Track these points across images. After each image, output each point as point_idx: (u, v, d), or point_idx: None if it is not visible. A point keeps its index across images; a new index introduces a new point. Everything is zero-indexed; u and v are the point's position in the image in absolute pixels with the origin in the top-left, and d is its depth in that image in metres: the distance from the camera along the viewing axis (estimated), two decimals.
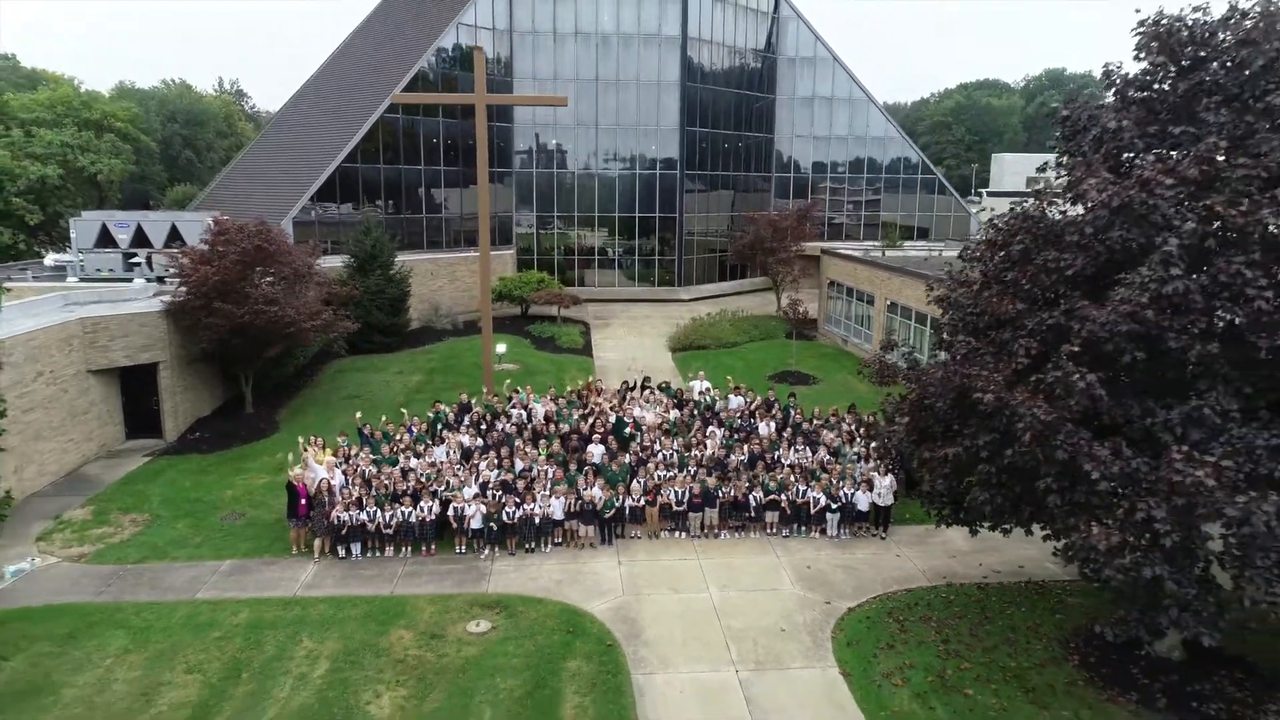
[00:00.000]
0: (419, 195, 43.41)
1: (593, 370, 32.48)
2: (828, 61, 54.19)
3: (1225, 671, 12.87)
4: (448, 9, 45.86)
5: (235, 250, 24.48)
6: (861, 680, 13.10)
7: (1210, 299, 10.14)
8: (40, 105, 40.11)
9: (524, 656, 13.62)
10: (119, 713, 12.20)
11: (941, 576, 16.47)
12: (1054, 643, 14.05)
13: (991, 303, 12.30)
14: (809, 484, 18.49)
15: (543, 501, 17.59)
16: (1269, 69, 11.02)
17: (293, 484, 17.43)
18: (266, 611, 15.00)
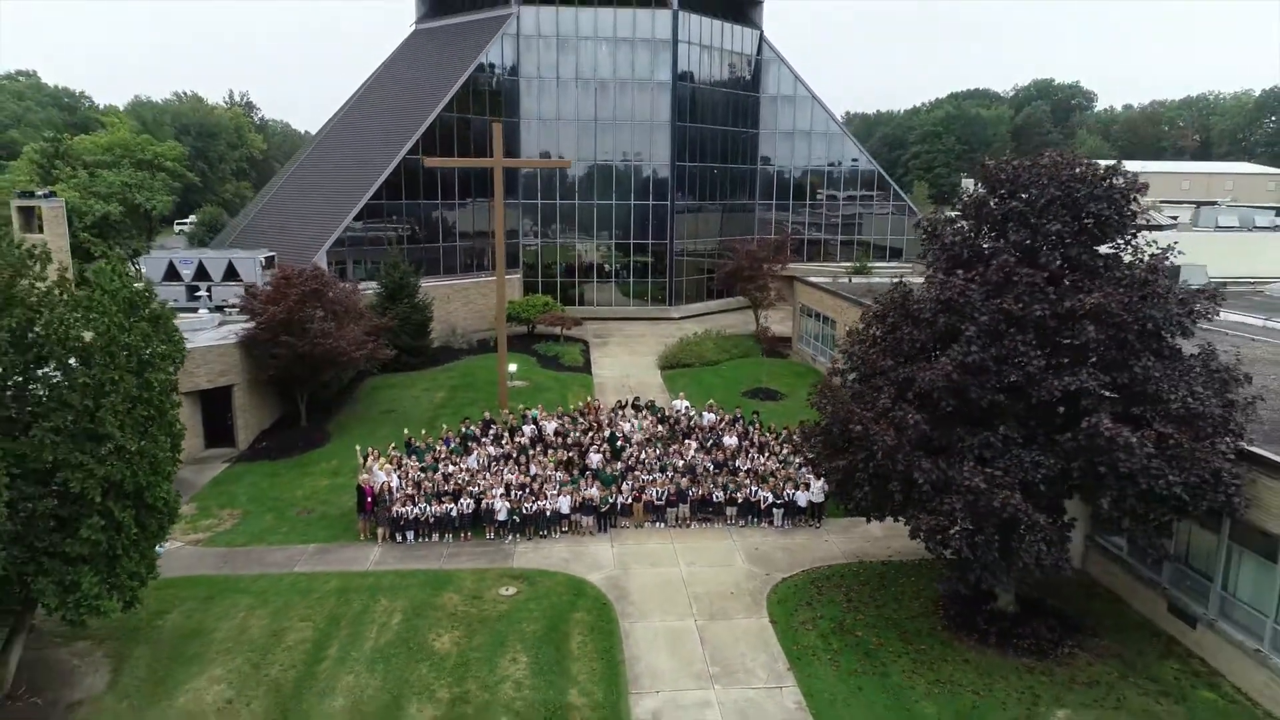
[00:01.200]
0: (435, 225, 48.59)
1: (592, 387, 37.64)
2: (806, 99, 59.39)
3: (1043, 619, 18.06)
4: (464, 53, 50.98)
5: (296, 292, 29.68)
6: (784, 626, 18.30)
7: (1000, 364, 15.30)
8: (100, 148, 45.21)
9: (542, 610, 18.82)
10: (260, 646, 17.39)
11: (856, 556, 21.66)
12: (928, 602, 19.23)
13: (871, 358, 17.49)
14: (760, 485, 23.69)
15: (552, 499, 22.78)
16: (1050, 205, 16.18)
17: (361, 486, 22.62)
18: (349, 580, 20.19)
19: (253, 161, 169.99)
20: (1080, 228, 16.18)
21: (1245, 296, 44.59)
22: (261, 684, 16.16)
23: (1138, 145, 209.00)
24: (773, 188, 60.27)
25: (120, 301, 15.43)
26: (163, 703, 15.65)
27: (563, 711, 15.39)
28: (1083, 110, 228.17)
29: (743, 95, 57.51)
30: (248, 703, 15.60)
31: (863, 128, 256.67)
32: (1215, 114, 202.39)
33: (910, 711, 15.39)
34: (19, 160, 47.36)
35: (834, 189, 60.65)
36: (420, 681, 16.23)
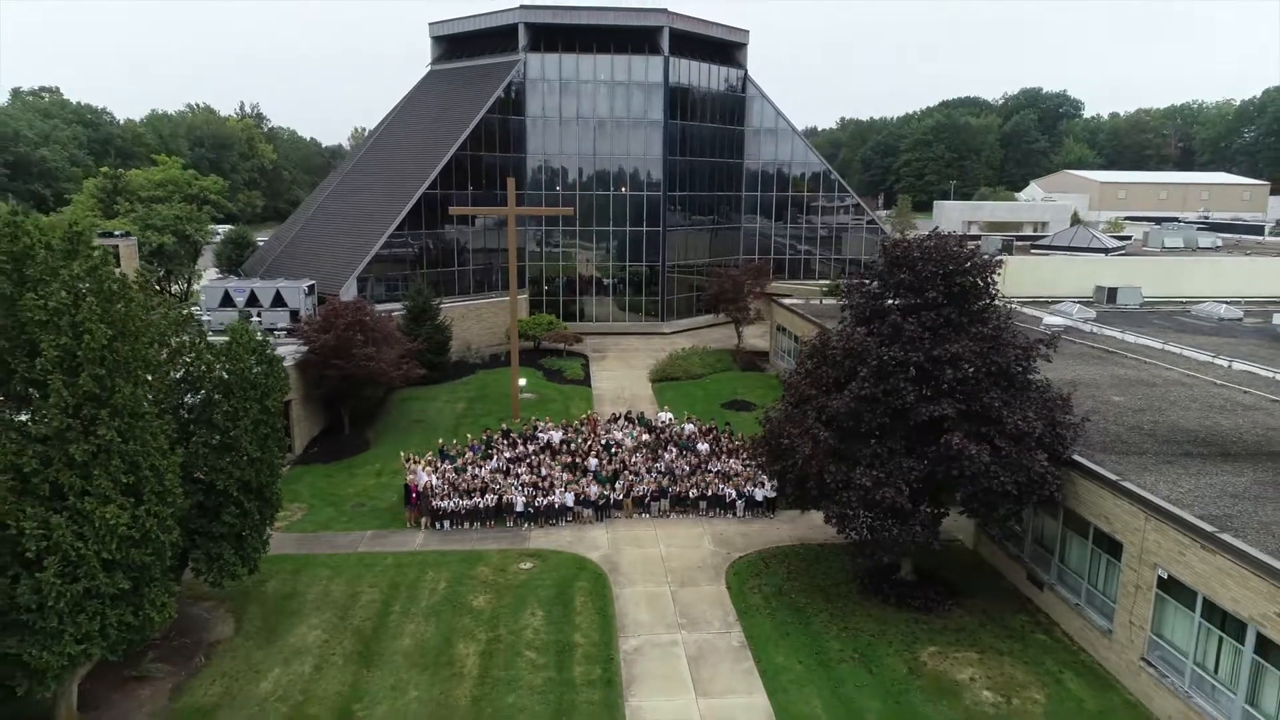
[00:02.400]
0: (451, 251, 54.28)
1: (591, 399, 43.40)
2: (787, 132, 65.18)
3: (933, 585, 23.82)
4: (477, 95, 56.68)
5: (343, 322, 35.44)
6: (736, 591, 24.05)
7: (886, 396, 21.02)
8: (153, 184, 50.89)
9: (552, 580, 24.58)
10: (340, 604, 23.13)
11: (799, 540, 27.42)
12: (853, 575, 24.97)
13: (802, 387, 23.24)
14: (725, 483, 29.46)
15: (559, 495, 28.54)
16: (931, 277, 21.89)
17: (407, 484, 28.40)
18: (402, 558, 25.94)
19: (263, 171, 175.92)
20: (950, 294, 21.91)
21: (1172, 316, 50.40)
22: (346, 630, 21.93)
23: (1122, 153, 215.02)
24: (756, 211, 65.98)
25: (249, 349, 21.20)
26: (277, 643, 21.41)
27: (569, 648, 21.15)
28: (1069, 118, 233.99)
29: (728, 129, 63.24)
30: (339, 643, 21.35)
31: (857, 134, 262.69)
32: (1197, 123, 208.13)
33: (821, 648, 21.15)
34: (81, 194, 53.13)
35: (812, 215, 66.32)
36: (464, 628, 22.00)
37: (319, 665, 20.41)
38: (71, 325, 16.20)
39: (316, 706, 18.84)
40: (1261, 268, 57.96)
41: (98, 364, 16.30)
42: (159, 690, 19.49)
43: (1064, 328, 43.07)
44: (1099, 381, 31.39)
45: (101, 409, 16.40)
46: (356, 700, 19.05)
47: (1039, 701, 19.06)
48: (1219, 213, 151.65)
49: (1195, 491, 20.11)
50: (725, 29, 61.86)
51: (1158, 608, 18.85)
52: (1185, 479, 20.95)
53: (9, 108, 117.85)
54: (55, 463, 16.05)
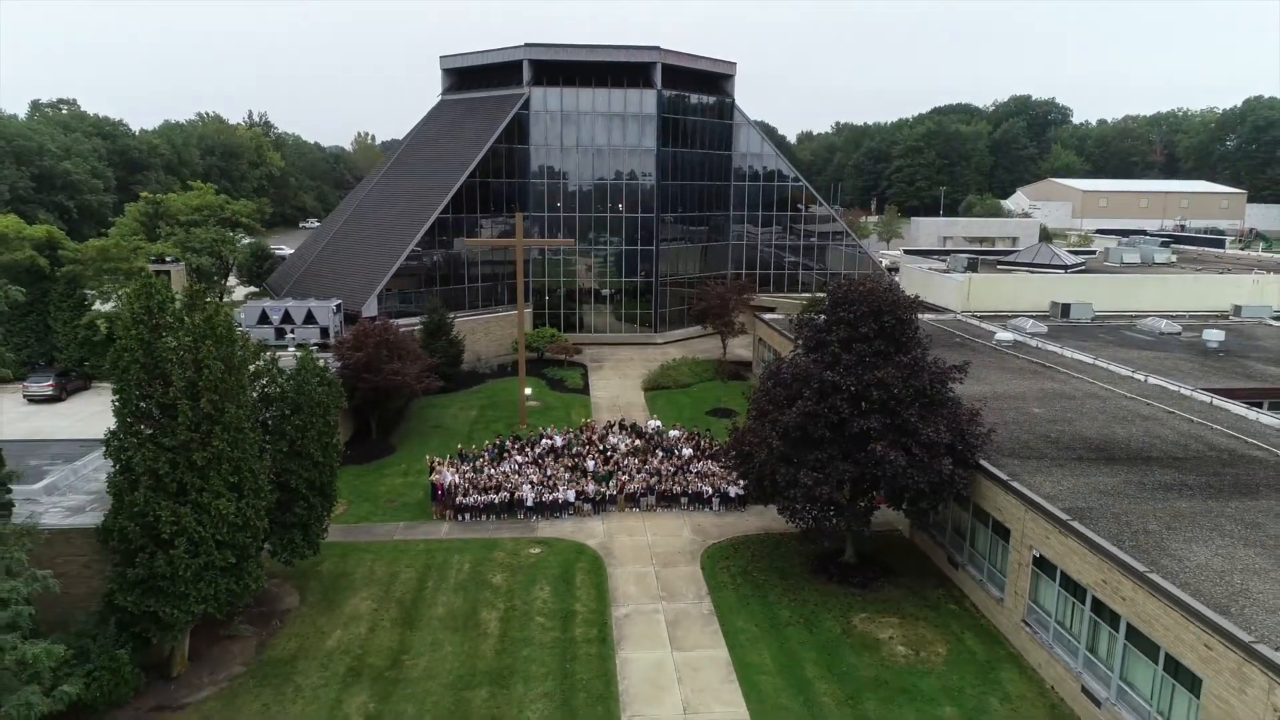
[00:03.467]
0: (462, 269, 59.32)
1: (590, 406, 48.50)
2: (771, 156, 70.31)
3: (870, 566, 28.96)
4: (485, 125, 61.75)
5: (372, 341, 40.53)
6: (709, 571, 29.19)
7: (826, 412, 26.13)
8: (191, 208, 55.90)
9: (558, 561, 29.71)
10: (384, 581, 28.26)
11: (764, 530, 32.52)
12: (803, 557, 30.06)
13: (761, 403, 28.36)
14: (704, 482, 34.60)
15: (563, 492, 33.66)
16: (864, 315, 26.99)
17: (433, 483, 33.53)
18: (431, 545, 31.06)
19: (271, 178, 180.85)
20: (880, 329, 27.03)
21: (1117, 330, 55.44)
22: (390, 601, 27.06)
23: (1109, 159, 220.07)
24: (744, 228, 71.04)
25: (313, 373, 26.32)
26: (335, 610, 26.55)
27: (571, 615, 26.28)
28: (1058, 125, 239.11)
29: (716, 154, 68.31)
30: (386, 611, 26.48)
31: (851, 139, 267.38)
32: (1181, 131, 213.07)
33: (774, 615, 26.29)
34: (125, 217, 58.12)
35: (795, 232, 71.37)
36: (486, 600, 27.14)
37: (371, 627, 25.55)
38: (194, 361, 21.31)
39: (373, 658, 23.97)
40: (1203, 284, 63.04)
41: (214, 391, 21.42)
42: (246, 646, 24.63)
43: (1013, 342, 48.52)
44: (1027, 394, 36.47)
45: (215, 425, 21.52)
46: (404, 653, 24.19)
47: (940, 654, 24.23)
48: (1197, 220, 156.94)
49: (1073, 489, 25.24)
50: (713, 62, 66.94)
51: (1033, 580, 24.01)
52: (1068, 479, 26.09)
53: (31, 122, 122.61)
54: (181, 467, 21.17)
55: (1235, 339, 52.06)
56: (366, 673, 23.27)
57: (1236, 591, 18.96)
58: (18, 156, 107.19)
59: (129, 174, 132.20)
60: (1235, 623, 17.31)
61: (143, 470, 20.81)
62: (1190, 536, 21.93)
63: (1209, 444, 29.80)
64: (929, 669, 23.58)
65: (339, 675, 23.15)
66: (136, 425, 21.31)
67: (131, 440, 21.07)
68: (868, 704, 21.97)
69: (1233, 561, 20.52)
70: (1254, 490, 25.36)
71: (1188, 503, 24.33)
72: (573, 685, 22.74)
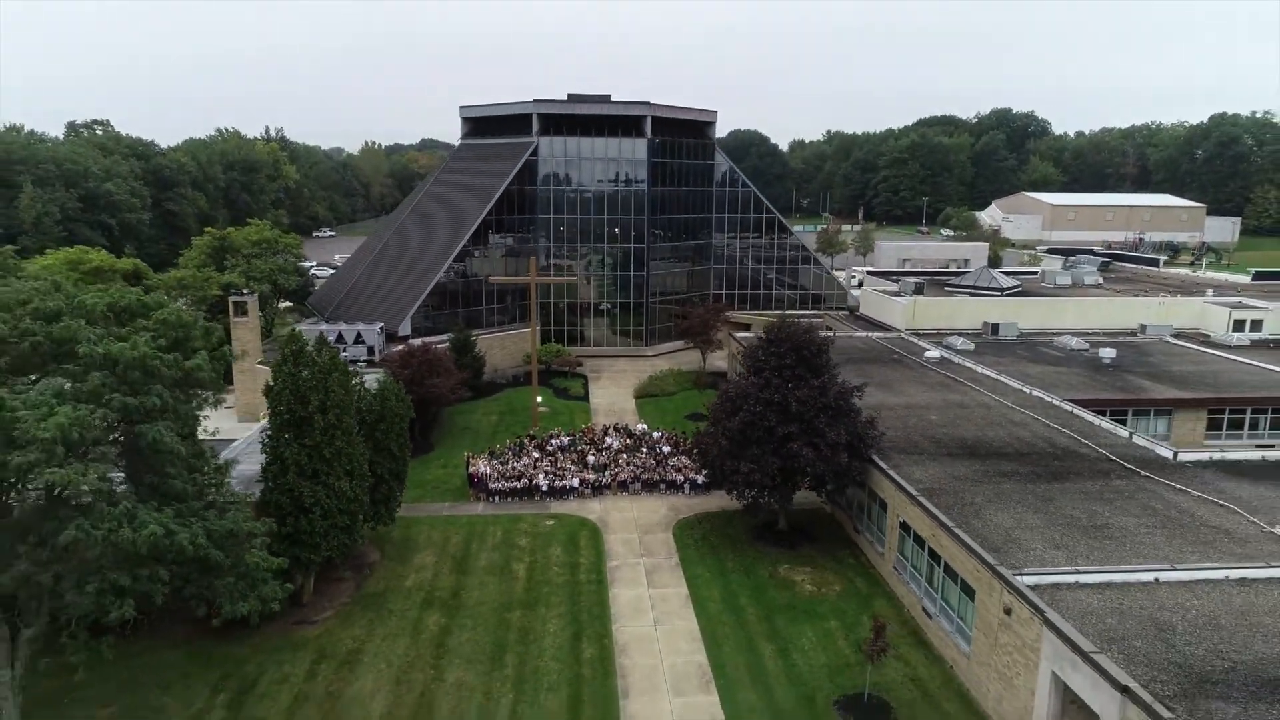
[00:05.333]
0: (481, 293, 69.51)
1: (590, 411, 58.80)
2: (749, 191, 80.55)
3: (798, 534, 39.32)
4: (500, 169, 71.97)
5: (416, 361, 50.80)
6: (678, 536, 39.55)
7: (760, 420, 36.36)
8: (250, 242, 65.88)
9: (566, 530, 40.10)
10: (439, 544, 38.61)
11: (721, 508, 42.72)
12: (749, 527, 40.34)
13: (715, 412, 38.68)
14: (679, 472, 44.95)
15: (569, 479, 44.00)
16: (788, 349, 37.27)
17: (470, 473, 43.88)
18: (471, 519, 41.39)
19: (287, 190, 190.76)
20: (799, 359, 37.30)
21: (1035, 347, 65.60)
22: (446, 557, 37.37)
23: (1085, 171, 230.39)
24: (724, 252, 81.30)
25: (394, 392, 36.62)
26: (407, 563, 36.86)
27: (577, 566, 36.57)
28: (1036, 138, 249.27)
29: (700, 190, 78.58)
30: (444, 564, 36.79)
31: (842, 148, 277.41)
32: (1152, 145, 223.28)
33: (722, 566, 36.59)
34: (193, 250, 68.21)
35: (769, 257, 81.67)
36: (515, 555, 37.47)
37: (435, 574, 35.88)
38: (324, 387, 31.60)
39: (439, 593, 34.29)
40: (1116, 306, 73.36)
41: (336, 408, 31.72)
42: (348, 585, 34.93)
43: (939, 359, 58.82)
44: (931, 404, 46.78)
45: (336, 431, 31.81)
46: (461, 589, 34.52)
47: (836, 590, 34.59)
48: (1158, 233, 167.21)
49: (935, 476, 35.53)
50: (696, 111, 77.23)
51: (900, 538, 34.35)
52: (935, 469, 36.40)
53: (74, 144, 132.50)
54: (315, 459, 31.44)
55: (1130, 355, 62.26)
56: (436, 602, 33.61)
57: (1010, 540, 29.28)
58: (67, 180, 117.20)
59: (160, 191, 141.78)
60: (996, 557, 27.62)
61: (290, 461, 31.08)
62: (1000, 507, 32.27)
63: (1052, 443, 40.15)
64: (825, 599, 33.95)
65: (417, 603, 33.49)
66: (284, 431, 31.58)
67: (283, 440, 31.35)
68: (779, 620, 32.32)
69: (1019, 521, 30.86)
70: (1064, 476, 35.70)
71: (1011, 485, 34.67)
72: (579, 609, 33.09)
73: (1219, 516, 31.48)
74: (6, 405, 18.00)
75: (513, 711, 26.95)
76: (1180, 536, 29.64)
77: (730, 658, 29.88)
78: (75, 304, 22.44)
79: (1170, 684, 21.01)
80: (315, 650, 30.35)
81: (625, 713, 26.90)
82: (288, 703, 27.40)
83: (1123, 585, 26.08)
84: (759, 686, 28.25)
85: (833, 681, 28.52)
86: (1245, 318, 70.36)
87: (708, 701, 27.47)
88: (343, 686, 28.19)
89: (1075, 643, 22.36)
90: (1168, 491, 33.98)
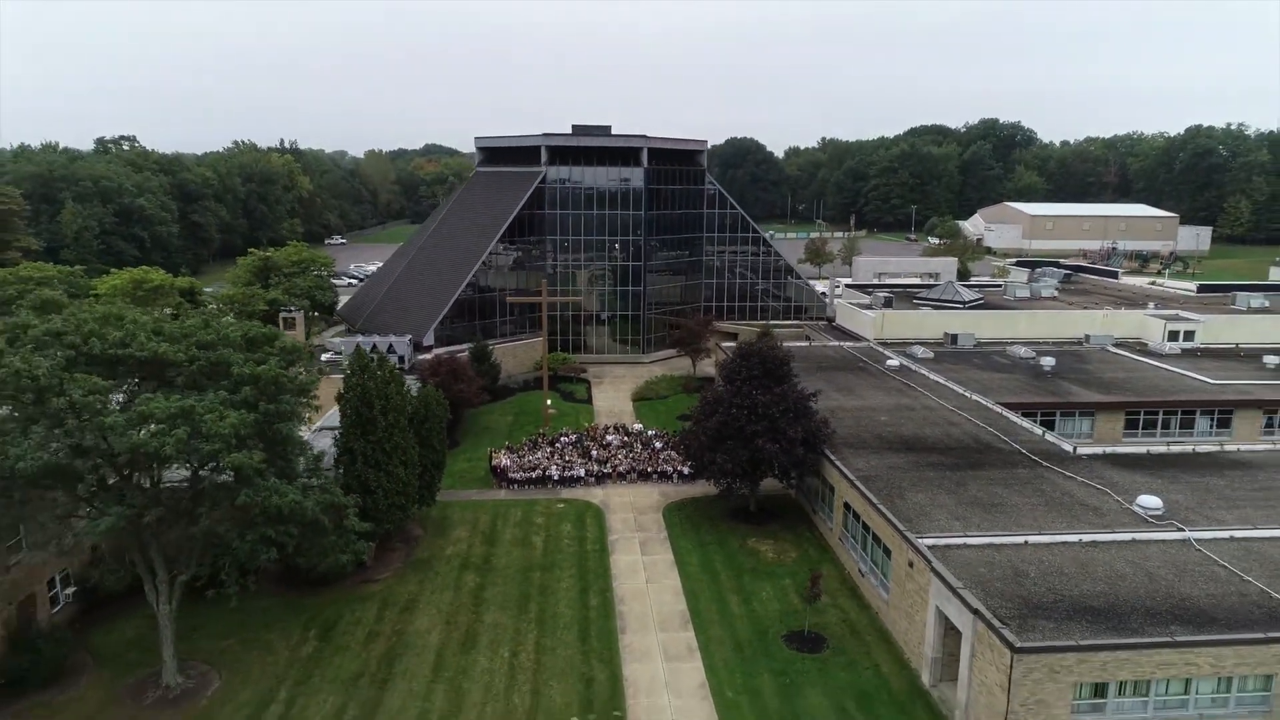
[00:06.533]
0: (496, 306, 77.91)
1: (592, 412, 67.22)
2: (737, 213, 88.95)
3: (767, 514, 47.74)
4: (512, 195, 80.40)
5: (444, 370, 59.22)
6: (666, 516, 47.99)
7: (735, 421, 44.73)
8: (290, 262, 74.06)
9: (574, 512, 48.55)
10: (471, 522, 47.05)
11: (704, 494, 51.02)
12: (726, 510, 48.72)
13: (698, 413, 47.07)
14: (669, 465, 53.39)
15: (576, 470, 52.45)
16: (755, 363, 45.65)
17: (493, 465, 52.35)
18: (496, 503, 49.83)
19: (301, 201, 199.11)
20: (766, 371, 45.67)
21: (988, 356, 73.85)
22: (477, 533, 45.82)
23: (1069, 180, 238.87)
24: (714, 267, 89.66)
25: (435, 398, 45.04)
26: (446, 536, 45.27)
27: (584, 539, 45.00)
28: (1022, 147, 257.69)
29: (691, 213, 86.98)
30: (475, 538, 45.22)
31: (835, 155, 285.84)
32: (1133, 155, 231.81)
33: (702, 539, 45.02)
34: (239, 269, 76.53)
35: (755, 274, 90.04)
36: (534, 530, 45.91)
37: (469, 545, 44.29)
38: (385, 395, 40.01)
39: (474, 559, 42.70)
40: (1064, 317, 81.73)
41: (395, 411, 40.14)
42: (400, 554, 43.32)
43: (899, 366, 67.15)
44: (883, 407, 55.16)
45: (394, 429, 40.22)
46: (491, 556, 42.93)
47: (793, 557, 43.01)
48: (1132, 242, 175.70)
49: (874, 466, 43.89)
50: (688, 142, 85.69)
51: (844, 515, 42.76)
52: (875, 460, 44.78)
53: (107, 161, 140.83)
54: (378, 451, 39.84)
55: (1069, 362, 70.54)
56: (471, 565, 42.04)
57: (922, 514, 37.65)
58: (103, 196, 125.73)
59: (186, 204, 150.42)
60: (907, 526, 35.97)
61: (359, 453, 39.47)
62: (920, 490, 40.64)
63: (976, 439, 48.54)
64: (783, 564, 42.38)
65: (456, 566, 41.91)
66: (354, 429, 39.96)
67: (353, 435, 39.74)
68: (745, 579, 40.74)
69: (932, 500, 39.25)
70: (979, 466, 44.07)
71: (935, 473, 43.06)
72: (585, 571, 41.52)
73: (1092, 496, 39.88)
74: (197, 410, 26.28)
75: (538, 643, 35.39)
76: (1055, 511, 38.04)
77: (705, 606, 38.33)
78: (222, 336, 30.68)
79: (1012, 610, 29.41)
80: (380, 600, 38.80)
81: (622, 643, 35.33)
82: (363, 637, 35.83)
83: (999, 546, 34.49)
84: (725, 625, 36.70)
85: (782, 622, 36.97)
86: (1179, 329, 78.65)
87: (685, 636, 35.90)
88: (405, 625, 36.64)
89: (949, 582, 30.78)
90: (1058, 478, 42.37)
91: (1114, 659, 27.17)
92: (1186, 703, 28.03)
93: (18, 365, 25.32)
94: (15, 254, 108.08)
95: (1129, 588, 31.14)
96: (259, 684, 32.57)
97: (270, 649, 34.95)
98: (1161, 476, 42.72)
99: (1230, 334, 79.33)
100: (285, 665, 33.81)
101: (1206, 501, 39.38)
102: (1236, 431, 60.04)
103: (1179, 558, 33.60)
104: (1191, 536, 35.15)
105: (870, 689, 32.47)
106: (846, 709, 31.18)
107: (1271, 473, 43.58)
